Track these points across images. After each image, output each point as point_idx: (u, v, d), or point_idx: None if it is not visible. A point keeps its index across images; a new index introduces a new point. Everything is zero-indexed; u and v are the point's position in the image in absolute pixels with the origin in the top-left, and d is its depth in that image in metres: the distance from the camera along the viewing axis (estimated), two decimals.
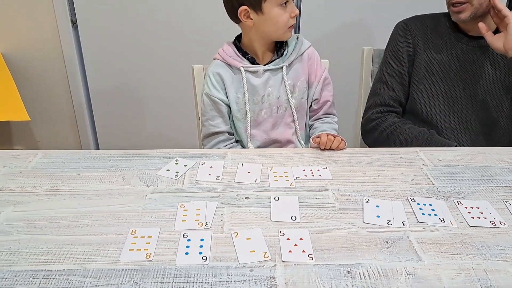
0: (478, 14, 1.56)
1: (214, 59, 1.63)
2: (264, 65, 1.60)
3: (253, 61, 1.59)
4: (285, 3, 1.48)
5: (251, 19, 1.51)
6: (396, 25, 1.79)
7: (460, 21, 1.60)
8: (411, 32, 1.72)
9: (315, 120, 1.72)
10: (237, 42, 1.63)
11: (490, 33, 1.54)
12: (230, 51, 1.59)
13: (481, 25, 1.54)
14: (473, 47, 1.65)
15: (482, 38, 1.61)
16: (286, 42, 1.62)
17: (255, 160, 1.31)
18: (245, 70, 1.56)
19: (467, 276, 0.86)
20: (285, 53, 1.62)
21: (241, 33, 1.62)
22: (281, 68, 1.60)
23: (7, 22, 2.62)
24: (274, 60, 1.60)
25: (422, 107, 1.68)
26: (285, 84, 1.60)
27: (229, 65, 1.59)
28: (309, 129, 1.73)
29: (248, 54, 1.59)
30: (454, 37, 1.67)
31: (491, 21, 1.57)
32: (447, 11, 1.71)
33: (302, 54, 1.63)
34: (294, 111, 1.63)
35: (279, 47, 1.62)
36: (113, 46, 2.73)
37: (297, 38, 1.65)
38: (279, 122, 1.65)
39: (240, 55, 1.59)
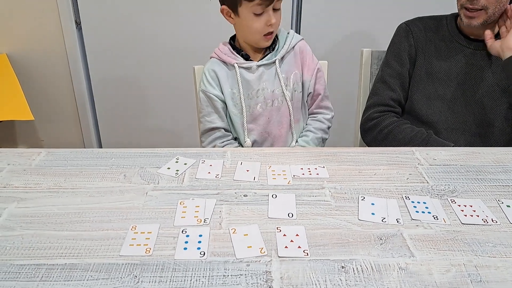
0: (489, 22, 1.58)
1: (211, 57, 1.67)
2: (258, 60, 1.64)
3: (247, 58, 1.64)
4: (259, 14, 1.51)
5: (232, 18, 1.57)
6: (399, 26, 1.80)
7: (471, 26, 1.60)
8: (413, 34, 1.74)
9: (310, 114, 1.78)
10: (232, 41, 1.68)
11: (492, 39, 1.57)
12: (225, 49, 1.64)
13: (487, 32, 1.56)
14: (474, 50, 1.66)
15: (483, 41, 1.62)
16: (277, 37, 1.67)
17: (254, 159, 1.33)
18: (238, 66, 1.60)
19: (458, 272, 0.88)
20: (276, 47, 1.65)
21: None
22: (274, 62, 1.63)
23: (11, 23, 2.64)
24: (267, 55, 1.65)
25: (421, 108, 1.70)
26: (279, 77, 1.63)
27: (224, 62, 1.64)
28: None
29: (242, 51, 1.64)
30: (456, 40, 1.69)
31: (495, 27, 1.59)
32: (448, 13, 1.73)
33: (293, 47, 1.67)
34: (289, 103, 1.66)
35: (271, 43, 1.65)
36: (116, 46, 2.75)
37: (288, 33, 1.68)
38: (274, 115, 1.67)
39: (234, 53, 1.63)
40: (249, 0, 1.48)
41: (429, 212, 1.07)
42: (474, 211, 1.08)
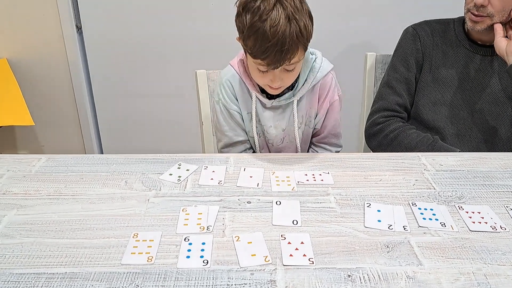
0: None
1: (231, 65, 1.53)
2: (275, 97, 1.48)
3: (264, 90, 1.48)
4: (266, 71, 1.32)
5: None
6: (405, 30, 1.78)
7: (475, 30, 1.60)
8: (420, 38, 1.72)
9: (311, 143, 1.67)
10: None
11: (502, 33, 1.55)
12: (248, 70, 1.46)
13: (496, 25, 1.55)
14: (481, 55, 1.64)
15: (490, 46, 1.60)
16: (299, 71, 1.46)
17: (257, 165, 1.31)
18: (256, 97, 1.49)
19: (467, 280, 0.86)
20: (296, 85, 1.48)
21: None
22: (291, 101, 1.49)
23: (12, 27, 2.63)
24: (285, 94, 1.48)
25: (427, 113, 1.68)
26: (294, 118, 1.50)
27: (244, 82, 1.50)
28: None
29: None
30: (463, 44, 1.67)
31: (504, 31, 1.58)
32: (454, 17, 1.71)
33: (314, 85, 1.50)
34: (298, 145, 1.56)
35: None
36: (117, 51, 2.74)
37: (315, 60, 1.48)
38: (283, 149, 1.62)
39: (253, 81, 1.46)
40: (253, 57, 1.30)
41: (436, 219, 1.05)
42: (482, 218, 1.06)
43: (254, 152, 1.63)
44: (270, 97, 1.49)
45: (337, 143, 1.64)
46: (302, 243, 0.97)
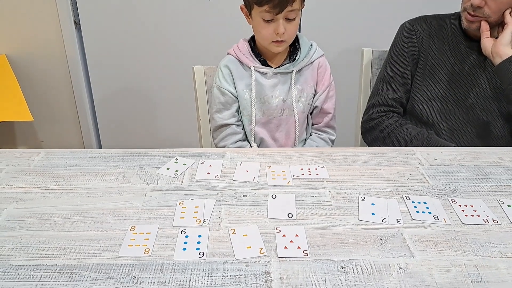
0: (490, 27, 1.58)
1: (228, 53, 1.66)
2: (275, 68, 1.62)
3: (264, 63, 1.62)
4: (269, 20, 1.49)
5: (249, 19, 1.56)
6: (402, 25, 1.79)
7: (470, 29, 1.61)
8: (416, 33, 1.73)
9: (315, 130, 1.76)
10: (252, 42, 1.65)
11: (488, 33, 1.56)
12: (244, 49, 1.62)
13: (483, 23, 1.56)
14: (477, 51, 1.65)
15: None
16: (300, 47, 1.64)
17: (254, 159, 1.32)
18: (255, 69, 1.59)
19: (458, 272, 0.88)
20: (296, 58, 1.63)
21: None
22: (291, 72, 1.62)
23: (11, 23, 2.64)
24: (285, 64, 1.63)
25: (422, 109, 1.69)
26: (292, 89, 1.62)
27: (241, 62, 1.62)
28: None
29: (261, 56, 1.62)
30: (459, 40, 1.68)
31: (495, 31, 1.59)
32: (449, 11, 1.72)
33: (313, 62, 1.66)
34: (296, 116, 1.65)
35: (292, 52, 1.64)
36: (115, 47, 2.75)
37: (311, 45, 1.67)
38: (283, 124, 1.66)
39: (253, 55, 1.61)
40: (259, 5, 1.46)
41: (429, 212, 1.06)
42: (475, 211, 1.07)
43: (244, 140, 1.69)
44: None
45: (335, 126, 1.77)
46: (296, 235, 0.98)
